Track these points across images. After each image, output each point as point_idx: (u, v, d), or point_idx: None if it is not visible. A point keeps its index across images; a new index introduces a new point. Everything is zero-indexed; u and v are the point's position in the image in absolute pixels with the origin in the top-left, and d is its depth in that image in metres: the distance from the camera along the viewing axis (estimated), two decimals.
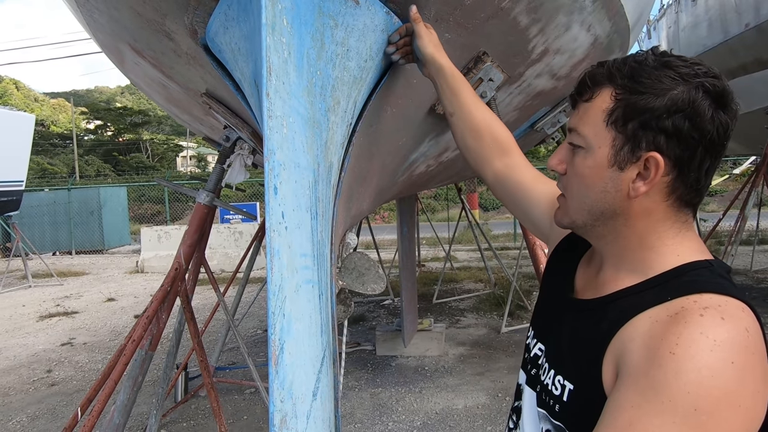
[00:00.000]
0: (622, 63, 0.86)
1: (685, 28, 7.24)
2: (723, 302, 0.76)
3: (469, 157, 1.37)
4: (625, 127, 0.84)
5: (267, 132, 0.97)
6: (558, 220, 0.99)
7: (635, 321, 0.81)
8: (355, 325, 7.20)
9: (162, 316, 2.96)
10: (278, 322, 0.93)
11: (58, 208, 17.89)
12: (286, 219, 0.99)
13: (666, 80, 0.81)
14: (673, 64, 0.82)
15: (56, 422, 4.71)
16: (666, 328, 0.75)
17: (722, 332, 0.72)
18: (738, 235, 6.41)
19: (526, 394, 1.03)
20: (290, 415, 0.93)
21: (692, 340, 0.72)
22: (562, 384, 0.90)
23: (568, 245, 1.11)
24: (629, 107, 0.83)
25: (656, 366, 0.73)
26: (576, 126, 0.91)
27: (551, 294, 1.08)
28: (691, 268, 0.84)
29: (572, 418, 0.85)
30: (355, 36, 1.32)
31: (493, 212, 24.40)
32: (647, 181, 0.84)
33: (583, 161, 0.89)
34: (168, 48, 1.85)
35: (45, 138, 41.91)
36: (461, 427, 4.26)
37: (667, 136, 0.81)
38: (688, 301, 0.77)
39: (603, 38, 2.64)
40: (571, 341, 0.92)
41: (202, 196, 3.08)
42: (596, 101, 0.87)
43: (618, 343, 0.81)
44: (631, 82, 0.83)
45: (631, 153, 0.84)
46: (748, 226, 7.38)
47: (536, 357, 1.03)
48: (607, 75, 0.87)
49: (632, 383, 0.75)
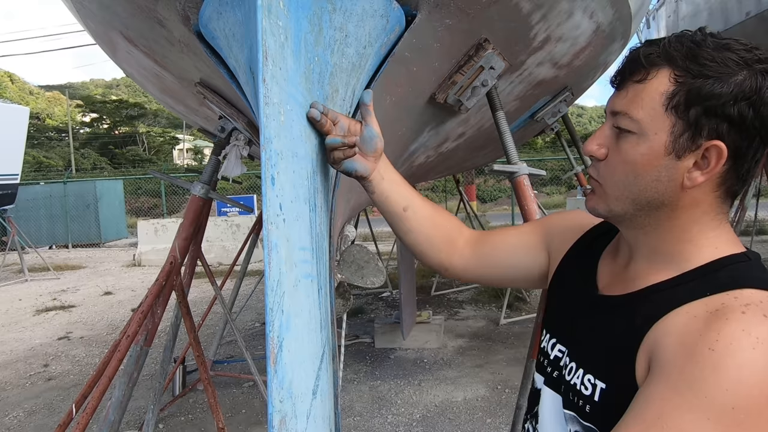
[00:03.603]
0: (678, 43, 0.79)
1: (685, 17, 7.18)
2: (765, 298, 0.73)
3: (429, 249, 1.21)
4: (687, 113, 0.78)
5: (264, 119, 0.93)
6: (592, 207, 0.92)
7: (671, 316, 0.77)
8: (354, 317, 7.18)
9: (157, 310, 2.92)
10: (277, 319, 0.89)
11: (54, 201, 17.80)
12: (284, 211, 0.95)
13: (731, 64, 0.76)
14: (733, 47, 0.77)
15: (53, 417, 4.68)
16: (705, 324, 0.72)
17: (765, 330, 0.68)
18: (737, 225, 6.40)
19: (547, 398, 0.99)
20: (290, 416, 0.89)
21: (733, 337, 0.68)
22: (593, 383, 0.86)
23: (579, 247, 1.07)
24: (693, 92, 0.77)
25: (693, 362, 0.69)
26: (626, 109, 0.83)
27: (570, 294, 1.03)
28: (729, 261, 0.81)
29: (605, 419, 0.81)
30: (353, 21, 1.27)
31: (491, 204, 24.41)
32: (705, 171, 0.80)
33: (635, 147, 0.82)
34: (160, 36, 1.80)
35: (40, 131, 41.76)
36: (461, 419, 4.25)
37: (731, 124, 0.76)
38: (729, 297, 0.74)
39: (605, 26, 2.60)
40: (602, 339, 0.88)
41: (197, 188, 3.03)
42: (652, 83, 0.80)
43: (652, 339, 0.77)
44: (694, 64, 0.77)
45: (691, 141, 0.79)
46: (746, 216, 7.37)
47: (557, 359, 0.98)
48: (664, 55, 0.79)
49: (665, 377, 0.71)
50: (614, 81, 0.87)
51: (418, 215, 1.18)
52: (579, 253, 1.06)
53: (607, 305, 0.91)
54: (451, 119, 2.47)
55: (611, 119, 0.86)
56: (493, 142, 2.73)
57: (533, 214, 2.25)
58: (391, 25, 1.43)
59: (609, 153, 0.87)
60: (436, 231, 1.20)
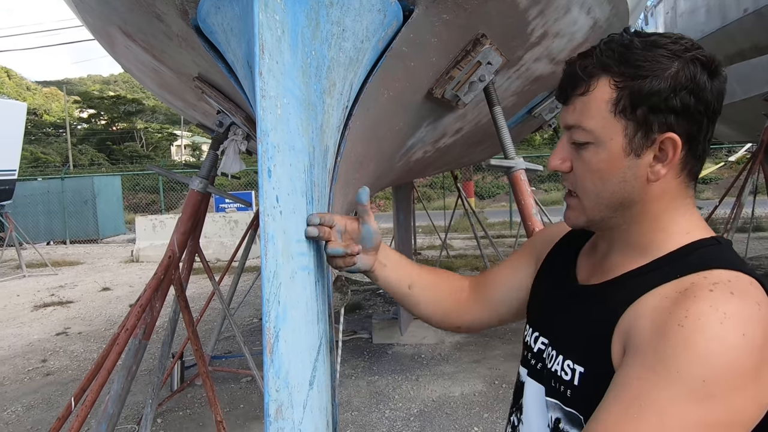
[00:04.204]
0: (608, 50, 0.84)
1: (683, 13, 7.18)
2: (733, 277, 0.76)
3: (440, 317, 1.28)
4: (635, 113, 0.82)
5: (260, 112, 0.93)
6: (573, 222, 0.96)
7: (644, 299, 0.81)
8: (352, 313, 7.20)
9: (156, 304, 2.93)
10: (273, 310, 0.90)
11: (52, 197, 17.78)
12: (280, 203, 0.96)
13: (662, 60, 0.81)
14: (660, 42, 0.82)
15: (52, 411, 4.69)
16: (674, 303, 0.75)
17: (732, 306, 0.72)
18: (734, 222, 6.41)
19: (530, 388, 1.01)
20: (286, 405, 0.90)
21: (701, 313, 0.72)
22: (572, 368, 0.89)
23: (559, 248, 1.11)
24: (635, 93, 0.81)
25: (664, 340, 0.72)
26: (578, 122, 0.87)
27: (551, 289, 1.06)
28: (700, 245, 0.84)
29: (585, 402, 0.84)
30: (350, 15, 1.28)
31: (489, 200, 24.41)
32: (666, 162, 0.84)
33: (596, 156, 0.86)
34: (159, 30, 1.80)
35: (38, 127, 41.62)
36: (458, 414, 4.27)
37: (677, 114, 0.81)
38: (698, 278, 0.78)
39: (603, 22, 2.60)
40: (580, 326, 0.91)
41: (195, 183, 3.04)
42: (595, 93, 0.84)
43: (626, 322, 0.81)
44: (629, 67, 0.82)
45: (645, 138, 0.83)
46: (743, 213, 7.39)
47: (540, 351, 1.01)
48: (600, 65, 0.84)
49: (640, 357, 0.74)
50: (559, 98, 0.91)
51: (422, 289, 1.24)
52: (559, 252, 1.10)
53: (585, 295, 0.95)
54: (448, 114, 2.47)
55: (567, 133, 0.90)
56: (491, 138, 2.74)
57: (530, 209, 2.26)
58: (388, 20, 1.44)
59: (573, 165, 0.91)
60: (441, 296, 1.26)
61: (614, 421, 0.72)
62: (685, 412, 0.68)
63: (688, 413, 0.68)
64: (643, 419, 0.70)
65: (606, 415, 0.74)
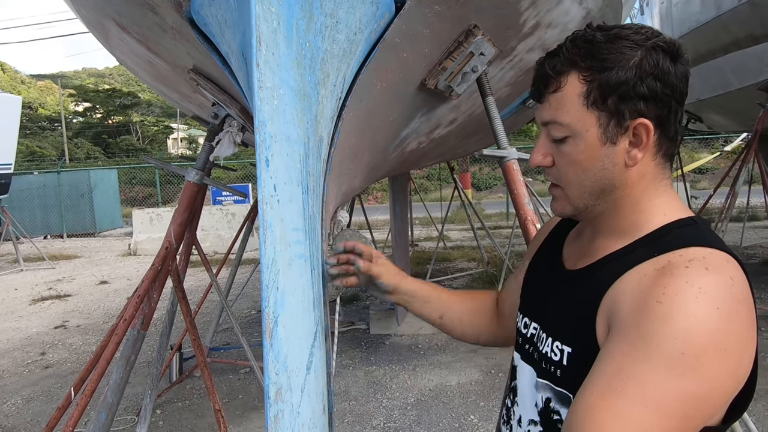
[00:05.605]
0: (573, 47, 0.88)
1: (678, 3, 7.19)
2: (708, 254, 0.80)
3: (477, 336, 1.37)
4: (606, 103, 0.86)
5: (258, 103, 0.95)
6: (559, 211, 1.00)
7: (625, 277, 0.84)
8: (349, 304, 7.23)
9: (153, 295, 2.95)
10: (272, 295, 0.93)
11: (48, 191, 17.73)
12: (278, 192, 0.98)
13: (626, 50, 0.85)
14: (622, 34, 0.86)
15: (51, 404, 4.73)
16: (653, 280, 0.79)
17: (707, 281, 0.75)
18: (728, 211, 6.46)
19: (523, 371, 1.05)
20: (285, 388, 0.93)
21: (678, 289, 0.75)
22: (560, 349, 0.92)
23: (549, 239, 1.16)
24: (603, 85, 0.86)
25: (644, 315, 0.76)
26: (554, 118, 0.91)
27: (540, 277, 1.11)
28: (677, 225, 0.88)
29: (574, 381, 0.86)
30: (344, 8, 1.29)
31: (486, 192, 24.44)
32: (641, 146, 0.88)
33: (575, 148, 0.91)
34: (153, 22, 1.81)
35: (33, 121, 41.32)
36: (454, 403, 4.31)
37: (645, 100, 0.85)
38: (675, 255, 0.81)
39: (595, 12, 2.62)
40: (567, 308, 0.94)
41: (191, 174, 3.05)
42: (566, 89, 0.89)
43: (609, 300, 0.84)
44: (595, 61, 0.86)
45: (618, 126, 0.87)
46: (738, 202, 7.43)
47: (531, 336, 1.04)
48: (567, 62, 0.88)
49: (621, 334, 0.78)
50: (534, 97, 0.96)
51: (454, 316, 1.34)
52: (548, 244, 1.15)
53: (571, 278, 0.99)
54: (442, 105, 2.49)
55: (545, 130, 0.95)
56: (485, 129, 2.75)
57: (522, 198, 2.29)
58: (381, 12, 1.45)
59: (555, 159, 0.95)
60: (474, 318, 1.35)
61: (598, 394, 0.75)
62: (665, 384, 0.72)
63: (669, 386, 0.72)
64: (626, 392, 0.73)
65: (591, 388, 0.77)
